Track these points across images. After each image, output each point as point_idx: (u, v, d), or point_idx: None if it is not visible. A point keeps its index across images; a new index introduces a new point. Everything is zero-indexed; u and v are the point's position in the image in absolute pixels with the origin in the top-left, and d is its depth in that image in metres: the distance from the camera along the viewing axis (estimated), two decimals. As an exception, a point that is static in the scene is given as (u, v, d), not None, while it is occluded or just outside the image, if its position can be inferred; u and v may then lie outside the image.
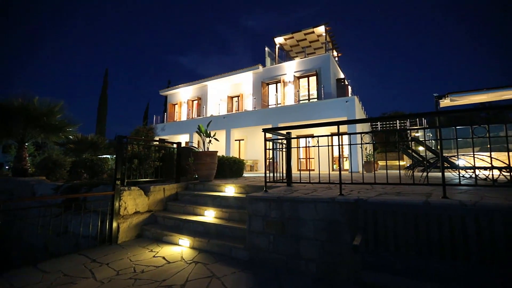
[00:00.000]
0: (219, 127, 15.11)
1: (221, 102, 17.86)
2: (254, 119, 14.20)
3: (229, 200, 4.29)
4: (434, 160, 4.52)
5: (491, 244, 1.95)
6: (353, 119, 3.19)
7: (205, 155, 5.45)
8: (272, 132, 3.83)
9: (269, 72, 15.63)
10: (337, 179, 3.22)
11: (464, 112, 3.17)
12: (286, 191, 3.45)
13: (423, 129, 14.22)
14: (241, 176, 7.23)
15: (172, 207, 4.74)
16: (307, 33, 15.38)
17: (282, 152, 4.13)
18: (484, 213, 2.01)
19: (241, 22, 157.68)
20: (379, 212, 2.33)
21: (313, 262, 2.77)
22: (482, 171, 4.28)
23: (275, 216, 3.05)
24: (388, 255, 2.19)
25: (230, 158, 6.91)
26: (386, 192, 3.14)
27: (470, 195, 2.76)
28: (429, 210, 2.19)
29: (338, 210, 2.70)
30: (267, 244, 3.06)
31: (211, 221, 3.95)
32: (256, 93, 15.79)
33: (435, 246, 2.11)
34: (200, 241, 3.59)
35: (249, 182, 5.04)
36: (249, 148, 16.06)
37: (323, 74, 13.72)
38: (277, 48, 16.57)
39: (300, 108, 12.95)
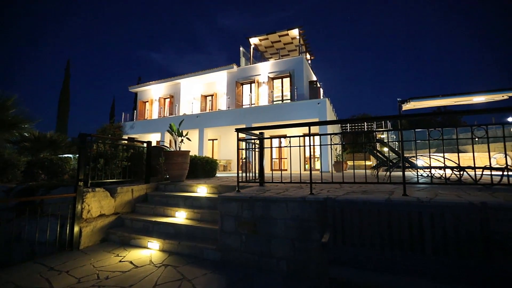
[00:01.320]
0: (192, 126, 14.80)
1: (194, 100, 17.49)
2: (228, 119, 14.11)
3: (201, 201, 4.22)
4: (396, 160, 4.85)
5: (443, 237, 2.13)
6: (323, 121, 3.31)
7: (177, 155, 5.30)
8: (245, 132, 3.83)
9: (243, 72, 15.64)
10: (308, 178, 3.32)
11: (422, 116, 3.43)
12: (259, 191, 3.47)
13: (387, 131, 15.16)
14: (214, 176, 7.15)
15: (141, 209, 4.55)
16: (282, 35, 15.63)
17: (255, 152, 4.15)
18: (437, 209, 2.20)
19: (216, 21, 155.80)
20: (346, 210, 2.44)
21: (284, 260, 2.83)
22: (437, 171, 4.67)
23: (247, 216, 3.06)
24: (353, 251, 2.30)
25: (203, 158, 6.80)
26: (353, 190, 3.30)
27: (426, 193, 3.00)
28: (391, 207, 2.33)
29: (308, 209, 2.78)
30: (239, 244, 3.06)
31: (182, 222, 3.86)
32: (230, 93, 15.71)
33: (396, 240, 2.26)
34: (171, 243, 3.49)
35: (222, 182, 5.00)
36: (222, 148, 15.93)
37: (297, 76, 14.04)
38: (252, 48, 16.64)
39: (273, 108, 13.12)
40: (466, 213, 2.12)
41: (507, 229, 2.18)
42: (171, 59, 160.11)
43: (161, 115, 18.31)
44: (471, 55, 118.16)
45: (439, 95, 9.73)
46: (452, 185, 3.66)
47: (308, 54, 17.76)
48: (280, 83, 14.77)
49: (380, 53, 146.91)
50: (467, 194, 2.81)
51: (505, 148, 2.70)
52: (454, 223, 2.14)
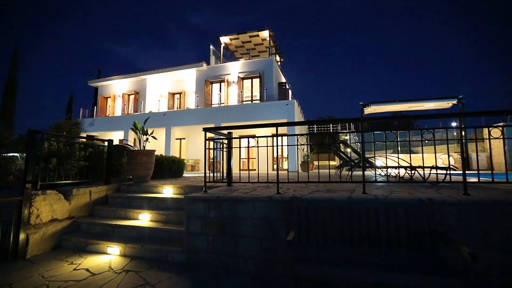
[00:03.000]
0: (159, 124, 14.23)
1: (161, 98, 16.82)
2: (196, 118, 13.81)
3: (167, 202, 4.07)
4: (358, 160, 5.15)
5: (396, 231, 2.32)
6: (290, 122, 3.40)
7: (141, 154, 5.05)
8: (214, 132, 3.79)
9: (213, 71, 15.43)
10: (276, 178, 3.38)
11: (381, 119, 3.68)
12: (226, 191, 3.45)
13: (349, 133, 16.05)
14: (181, 176, 6.95)
15: (100, 212, 4.25)
16: (252, 36, 15.72)
17: (224, 152, 4.12)
18: (392, 205, 2.38)
19: (186, 18, 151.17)
20: (311, 208, 2.53)
21: (251, 259, 2.85)
22: (393, 170, 5.06)
23: (214, 216, 3.02)
24: (317, 247, 2.40)
25: (169, 157, 6.57)
26: (318, 189, 3.44)
27: (383, 190, 3.24)
28: (352, 204, 2.48)
29: (275, 208, 2.83)
30: (206, 245, 3.01)
31: (146, 225, 3.69)
32: (199, 91, 15.39)
33: (356, 235, 2.40)
34: (133, 248, 3.31)
35: (189, 182, 4.88)
36: (190, 147, 15.55)
37: (266, 77, 14.22)
38: (222, 47, 16.49)
39: (243, 108, 13.14)
40: (415, 208, 2.33)
41: (449, 222, 2.44)
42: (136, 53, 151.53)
43: (125, 112, 17.31)
44: (442, 57, 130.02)
45: (396, 101, 10.57)
46: (405, 183, 3.99)
47: (278, 56, 18.10)
48: (250, 83, 14.84)
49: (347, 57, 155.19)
50: (417, 191, 3.09)
51: (448, 149, 3.02)
52: (406, 218, 2.34)
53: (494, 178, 2.86)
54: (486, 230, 2.36)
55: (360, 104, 9.89)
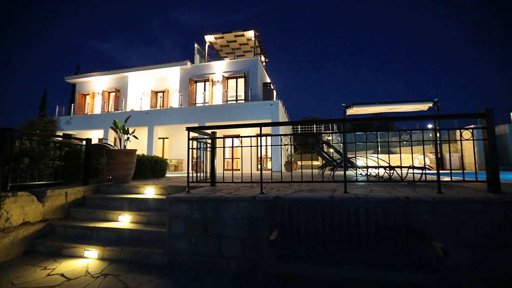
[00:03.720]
0: (141, 123, 13.87)
1: (143, 96, 16.40)
2: (180, 117, 13.59)
3: (149, 203, 3.98)
4: (340, 160, 5.28)
5: (375, 229, 2.40)
6: (274, 122, 3.42)
7: (122, 154, 4.90)
8: (197, 131, 3.74)
9: (197, 70, 15.24)
10: (260, 178, 3.39)
11: (363, 121, 3.78)
12: (209, 191, 3.42)
13: (331, 134, 16.40)
14: (164, 176, 6.81)
15: (77, 214, 4.08)
16: (238, 35, 15.68)
17: (207, 151, 4.08)
18: (371, 204, 2.46)
19: (170, 15, 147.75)
20: (293, 208, 2.56)
21: (235, 259, 2.84)
22: (373, 170, 5.23)
23: (197, 217, 2.98)
24: (299, 246, 2.43)
25: (151, 157, 6.42)
26: (301, 189, 3.49)
27: (363, 190, 3.34)
28: (333, 203, 2.53)
29: (258, 208, 2.84)
30: (188, 246, 2.97)
31: (126, 226, 3.58)
32: (183, 90, 15.15)
33: (337, 233, 2.46)
34: (112, 250, 3.20)
35: (172, 182, 4.79)
36: (174, 147, 15.27)
37: (251, 77, 14.23)
38: (207, 46, 16.32)
39: (227, 108, 13.09)
40: (393, 207, 2.42)
41: (424, 219, 2.55)
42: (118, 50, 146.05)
43: (105, 110, 16.72)
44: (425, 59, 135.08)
45: (377, 103, 10.91)
46: (384, 183, 4.14)
47: (263, 56, 18.17)
48: (234, 83, 14.80)
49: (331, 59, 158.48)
50: (395, 190, 3.21)
51: (423, 150, 3.16)
52: (385, 216, 2.42)
53: (465, 177, 3.03)
54: (457, 226, 2.49)
55: (342, 106, 10.14)
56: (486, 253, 2.41)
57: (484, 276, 2.40)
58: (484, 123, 2.80)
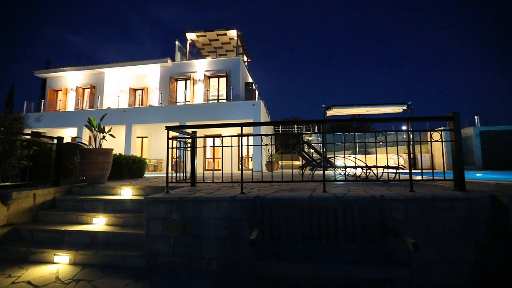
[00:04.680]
0: (118, 121, 13.37)
1: (121, 94, 15.80)
2: (160, 116, 13.25)
3: (125, 204, 3.84)
4: (319, 160, 5.39)
5: (352, 226, 2.48)
6: (255, 122, 3.43)
7: (97, 153, 4.69)
8: (177, 130, 3.67)
9: (178, 68, 14.94)
10: (240, 178, 3.38)
11: (342, 121, 3.89)
12: (189, 191, 3.37)
13: (312, 134, 16.75)
14: (142, 176, 6.61)
15: (47, 217, 3.85)
16: (220, 34, 15.55)
17: (187, 151, 4.02)
18: (349, 202, 2.54)
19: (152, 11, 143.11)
20: (274, 207, 2.58)
21: (215, 260, 2.81)
22: (351, 169, 5.39)
23: (176, 218, 2.93)
24: (279, 245, 2.46)
25: (129, 157, 6.21)
26: (281, 189, 3.53)
27: (342, 189, 3.43)
28: (312, 202, 2.58)
29: (239, 208, 2.83)
30: (167, 248, 2.90)
31: (101, 229, 3.43)
32: (163, 88, 14.79)
33: (316, 232, 2.51)
34: (85, 254, 3.06)
35: (150, 183, 4.66)
36: (153, 146, 14.87)
37: (233, 77, 14.18)
38: (189, 44, 16.05)
39: (209, 107, 12.95)
40: (369, 205, 2.51)
41: (397, 216, 2.67)
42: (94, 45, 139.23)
43: (79, 108, 15.92)
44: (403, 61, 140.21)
45: (355, 104, 11.27)
46: (361, 182, 4.28)
47: (245, 56, 18.16)
48: (216, 82, 14.67)
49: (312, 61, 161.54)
50: (371, 189, 3.33)
51: (397, 150, 3.31)
52: (361, 214, 2.51)
53: (435, 176, 3.21)
54: (427, 222, 2.63)
55: (322, 107, 10.37)
56: (451, 247, 2.57)
57: (451, 268, 2.55)
58: (451, 126, 2.98)
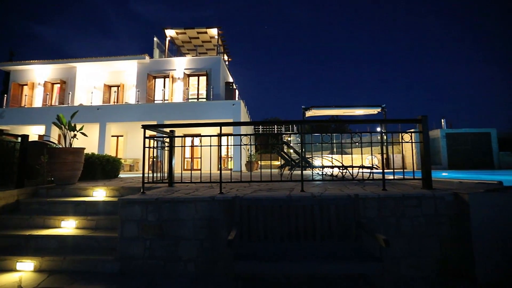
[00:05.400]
0: (92, 119, 12.75)
1: (95, 90, 15.07)
2: (136, 114, 12.81)
3: (98, 206, 3.67)
4: (298, 160, 5.49)
5: (328, 225, 2.55)
6: (234, 122, 3.43)
7: (67, 153, 4.44)
8: (154, 129, 3.57)
9: (157, 65, 14.52)
10: (219, 178, 3.35)
11: (320, 122, 3.99)
12: (167, 192, 3.29)
13: (291, 134, 17.02)
14: (117, 177, 6.34)
15: (9, 221, 3.57)
16: (200, 32, 15.33)
17: (164, 151, 3.92)
18: (325, 201, 2.61)
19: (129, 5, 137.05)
20: (252, 207, 2.59)
21: (192, 262, 2.77)
22: (329, 169, 5.54)
23: (152, 219, 2.84)
24: (257, 245, 2.47)
25: (103, 156, 5.94)
26: (260, 189, 3.55)
27: (319, 188, 3.52)
28: (290, 202, 2.63)
29: (217, 208, 2.81)
30: (142, 250, 2.81)
31: (70, 233, 3.25)
32: (140, 86, 14.30)
33: (294, 231, 2.55)
34: (52, 260, 2.88)
35: (125, 183, 4.49)
36: (129, 145, 14.33)
37: (213, 76, 14.04)
38: (168, 40, 15.65)
39: (188, 106, 12.73)
40: (344, 204, 2.60)
41: (371, 214, 2.79)
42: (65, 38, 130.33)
43: (47, 104, 14.96)
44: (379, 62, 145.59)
45: (333, 106, 11.61)
46: (338, 181, 4.42)
47: (226, 55, 18.05)
48: (196, 80, 14.44)
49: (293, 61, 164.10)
50: (347, 188, 3.45)
51: (371, 151, 3.46)
52: (337, 213, 2.59)
53: (405, 175, 3.39)
54: (398, 219, 2.78)
55: (302, 108, 10.57)
56: (420, 242, 2.73)
57: (418, 262, 2.71)
58: (420, 128, 3.17)
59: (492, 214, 2.56)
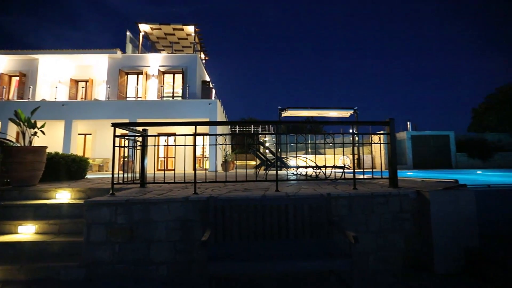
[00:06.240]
0: (56, 116, 11.90)
1: (60, 85, 14.08)
2: (107, 111, 12.17)
3: (61, 209, 3.43)
4: (274, 160, 5.55)
5: (302, 223, 2.61)
6: (210, 121, 3.39)
7: (26, 152, 4.10)
8: (125, 128, 3.42)
9: (130, 60, 13.91)
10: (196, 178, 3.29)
11: (295, 123, 4.07)
12: (138, 193, 3.16)
13: (267, 134, 17.19)
14: (84, 178, 5.98)
15: (-44, 227, 3.22)
16: (177, 29, 14.94)
17: (137, 150, 3.77)
18: (299, 201, 2.66)
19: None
20: (227, 207, 2.58)
21: (165, 264, 2.69)
22: (303, 169, 5.67)
23: (122, 222, 2.72)
24: (232, 245, 2.46)
25: (68, 156, 5.56)
26: (236, 189, 3.54)
27: (293, 188, 3.59)
28: (265, 202, 2.65)
29: (191, 209, 2.76)
30: (111, 255, 2.67)
31: (28, 239, 3.00)
32: (111, 82, 13.61)
33: (268, 230, 2.58)
34: (6, 270, 2.64)
35: (93, 184, 4.25)
36: (98, 144, 13.57)
37: (190, 74, 13.75)
38: (142, 35, 15.06)
39: (163, 105, 12.35)
40: (317, 203, 2.67)
41: (342, 212, 2.90)
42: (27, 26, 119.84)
43: (4, 98, 13.69)
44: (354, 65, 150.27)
45: (308, 107, 11.92)
46: (312, 181, 4.53)
47: (203, 54, 17.78)
48: (171, 78, 14.06)
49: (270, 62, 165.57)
50: (320, 188, 3.55)
51: (343, 151, 3.60)
52: (310, 212, 2.65)
53: (374, 175, 3.57)
54: (366, 217, 2.91)
55: (278, 108, 10.70)
56: (386, 237, 2.89)
57: (385, 256, 2.87)
58: (388, 130, 3.35)
59: (449, 209, 2.78)
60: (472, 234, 2.77)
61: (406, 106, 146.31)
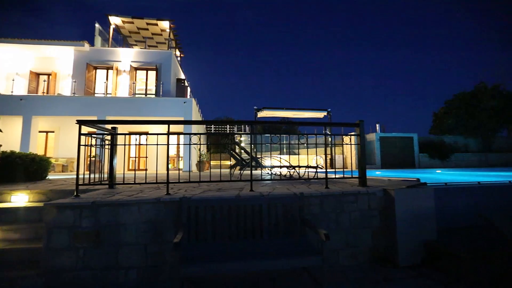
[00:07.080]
0: (12, 111, 10.93)
1: (17, 77, 12.92)
2: (72, 107, 11.40)
3: (18, 213, 3.15)
4: (249, 160, 5.57)
5: (276, 222, 2.65)
6: (184, 120, 3.32)
7: (-24, 151, 3.71)
8: (93, 125, 3.23)
9: (98, 54, 13.15)
10: (170, 179, 3.20)
11: (271, 123, 4.11)
12: (106, 194, 3.00)
13: (243, 134, 17.20)
14: (45, 178, 5.54)
15: None
16: (150, 24, 14.39)
17: (105, 149, 3.58)
18: (273, 200, 2.70)
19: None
20: (200, 208, 2.54)
21: (135, 268, 2.58)
22: (278, 169, 5.75)
23: (88, 225, 2.56)
24: (205, 246, 2.43)
25: (26, 155, 5.13)
26: (210, 189, 3.49)
27: (268, 188, 3.63)
28: (239, 201, 2.65)
29: (163, 210, 2.68)
30: (74, 261, 2.51)
31: (-22, 246, 2.72)
32: (78, 76, 12.77)
33: (242, 230, 2.58)
34: (-49, 281, 2.37)
35: (55, 186, 3.96)
36: (62, 143, 12.67)
37: (164, 71, 13.34)
38: (112, 29, 14.30)
39: (135, 102, 11.84)
40: (291, 202, 2.73)
41: (314, 211, 2.99)
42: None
43: (-50, 91, 12.29)
44: None
45: (284, 108, 12.11)
46: (286, 181, 4.61)
47: (178, 51, 17.33)
48: (144, 75, 13.53)
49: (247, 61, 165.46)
50: (294, 187, 3.63)
51: (316, 151, 3.71)
52: (284, 211, 2.70)
53: (345, 174, 3.72)
54: (337, 215, 3.03)
55: (254, 108, 10.75)
56: (355, 234, 3.03)
57: (354, 252, 3.00)
58: (358, 131, 3.51)
59: (411, 206, 2.98)
60: (431, 229, 3.00)
61: (377, 109, 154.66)
